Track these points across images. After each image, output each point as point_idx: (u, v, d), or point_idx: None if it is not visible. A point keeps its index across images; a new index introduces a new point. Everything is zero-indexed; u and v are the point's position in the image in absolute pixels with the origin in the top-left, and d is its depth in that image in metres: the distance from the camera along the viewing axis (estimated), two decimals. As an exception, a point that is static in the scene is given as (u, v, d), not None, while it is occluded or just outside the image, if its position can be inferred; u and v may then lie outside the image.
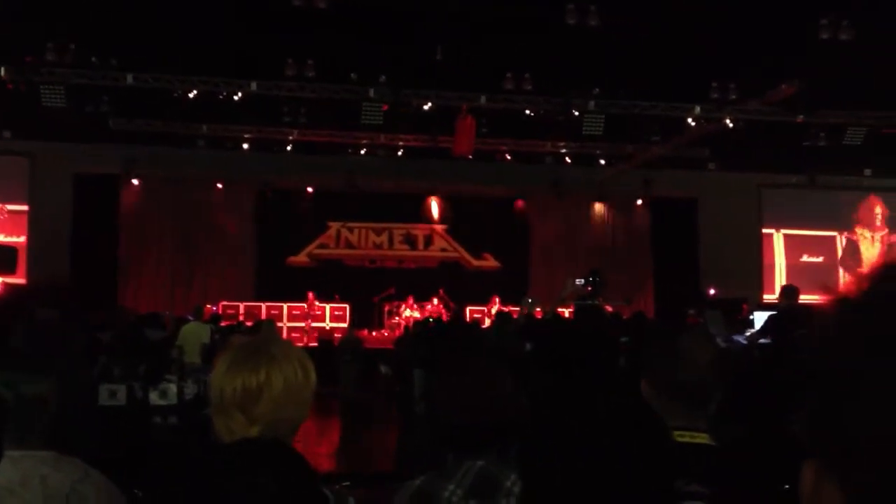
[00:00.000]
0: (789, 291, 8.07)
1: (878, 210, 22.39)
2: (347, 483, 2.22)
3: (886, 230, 22.43)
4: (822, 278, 19.19)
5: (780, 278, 21.27)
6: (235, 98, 15.92)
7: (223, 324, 15.57)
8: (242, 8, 12.89)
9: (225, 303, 19.07)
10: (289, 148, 19.36)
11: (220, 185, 20.87)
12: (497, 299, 19.30)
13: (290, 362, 2.13)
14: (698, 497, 1.88)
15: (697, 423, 2.04)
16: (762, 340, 7.29)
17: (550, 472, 1.25)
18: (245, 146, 19.32)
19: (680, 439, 2.03)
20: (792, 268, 21.79)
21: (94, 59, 15.01)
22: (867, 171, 21.40)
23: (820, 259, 22.06)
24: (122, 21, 12.80)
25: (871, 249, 22.10)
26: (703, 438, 1.99)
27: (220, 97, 15.92)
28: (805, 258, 22.01)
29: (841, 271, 21.82)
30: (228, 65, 15.18)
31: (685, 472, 1.90)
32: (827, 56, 13.22)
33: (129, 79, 15.29)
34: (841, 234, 22.35)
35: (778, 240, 22.29)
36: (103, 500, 2.26)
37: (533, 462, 1.28)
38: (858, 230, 22.35)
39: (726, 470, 1.99)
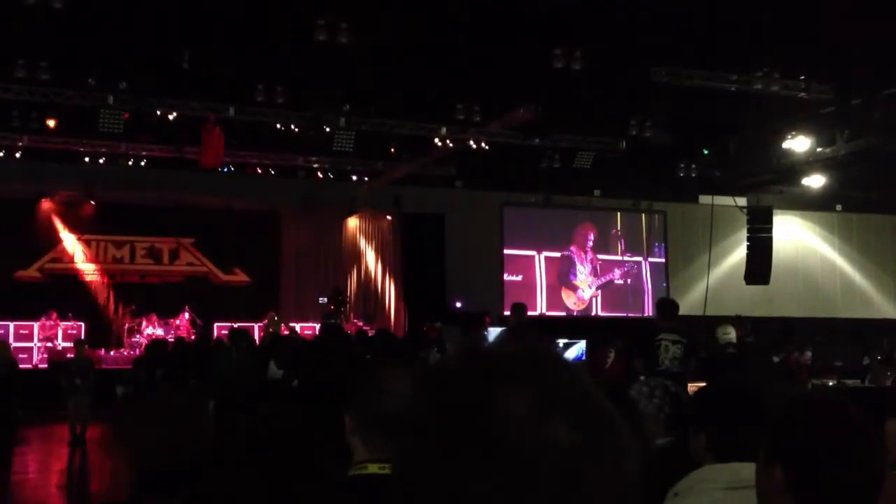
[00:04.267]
0: (518, 308, 8.56)
1: (592, 235, 23.96)
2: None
3: (593, 254, 23.92)
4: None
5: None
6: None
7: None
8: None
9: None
10: (18, 154, 17.94)
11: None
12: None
13: None
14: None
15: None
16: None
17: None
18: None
19: (381, 472, 2.09)
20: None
21: None
22: (597, 192, 23.13)
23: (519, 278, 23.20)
24: None
25: (583, 270, 23.70)
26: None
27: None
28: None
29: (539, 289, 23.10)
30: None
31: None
32: (560, 84, 14.19)
33: None
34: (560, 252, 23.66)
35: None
36: None
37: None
38: (573, 249, 23.81)
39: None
